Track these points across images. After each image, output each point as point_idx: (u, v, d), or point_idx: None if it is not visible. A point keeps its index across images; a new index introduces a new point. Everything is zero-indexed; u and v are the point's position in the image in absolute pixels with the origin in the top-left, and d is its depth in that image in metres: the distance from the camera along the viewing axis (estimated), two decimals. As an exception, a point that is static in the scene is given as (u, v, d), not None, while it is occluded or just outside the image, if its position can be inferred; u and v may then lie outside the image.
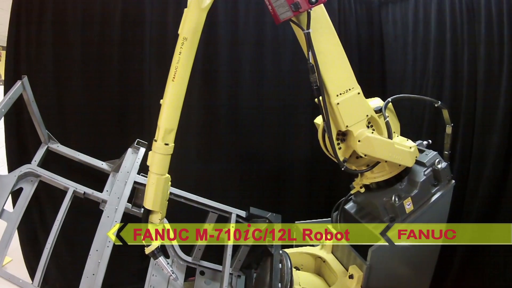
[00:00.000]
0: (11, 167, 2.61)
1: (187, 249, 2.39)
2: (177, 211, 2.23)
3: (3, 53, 5.82)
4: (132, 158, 2.25)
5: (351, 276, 1.90)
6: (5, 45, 6.22)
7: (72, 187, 2.20)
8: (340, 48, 1.63)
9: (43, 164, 2.31)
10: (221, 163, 3.07)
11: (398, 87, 3.02)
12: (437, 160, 1.99)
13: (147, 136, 2.74)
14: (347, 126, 1.65)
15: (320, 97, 1.59)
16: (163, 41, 2.81)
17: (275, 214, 2.20)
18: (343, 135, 1.77)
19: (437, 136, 2.51)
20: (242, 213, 2.26)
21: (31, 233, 2.77)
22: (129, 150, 2.32)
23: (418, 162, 1.97)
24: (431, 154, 2.02)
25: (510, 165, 2.43)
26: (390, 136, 1.77)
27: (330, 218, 2.37)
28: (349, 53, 3.05)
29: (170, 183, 1.77)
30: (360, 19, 3.23)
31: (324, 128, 1.71)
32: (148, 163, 1.68)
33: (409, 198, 1.90)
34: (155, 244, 1.77)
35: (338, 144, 1.75)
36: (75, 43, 2.68)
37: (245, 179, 3.15)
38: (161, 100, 1.61)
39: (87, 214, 2.36)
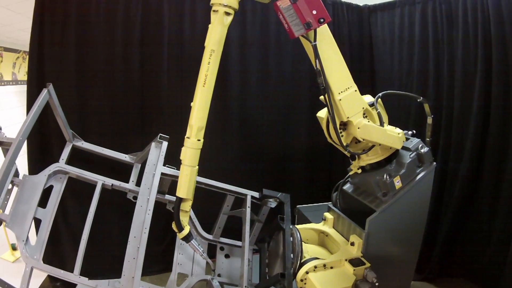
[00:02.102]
0: (32, 165, 2.75)
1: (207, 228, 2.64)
2: (197, 195, 2.47)
3: (5, 54, 6.03)
4: (156, 151, 2.39)
5: (352, 244, 2.24)
6: (6, 46, 6.38)
7: (101, 180, 2.38)
8: (339, 54, 1.97)
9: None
10: (230, 155, 3.36)
11: (386, 85, 3.36)
12: (420, 146, 2.37)
13: (165, 133, 3.04)
14: (348, 117, 2.00)
15: (326, 95, 1.92)
16: (180, 43, 3.02)
17: (284, 194, 2.45)
18: (344, 125, 2.12)
19: (422, 127, 2.89)
20: (256, 194, 2.51)
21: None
22: (153, 144, 2.43)
23: (404, 148, 2.34)
24: (415, 140, 2.40)
25: (484, 151, 2.84)
26: (381, 124, 2.13)
27: (328, 202, 2.72)
28: (342, 54, 3.45)
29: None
30: (352, 25, 3.60)
31: (328, 120, 2.08)
32: (181, 158, 1.86)
33: (398, 176, 2.26)
34: (187, 229, 2.00)
35: (341, 132, 2.10)
36: (97, 44, 2.80)
37: (252, 170, 3.45)
38: (192, 103, 1.84)
39: (105, 204, 2.51)
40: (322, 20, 1.72)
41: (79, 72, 2.82)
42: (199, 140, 1.86)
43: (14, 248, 3.57)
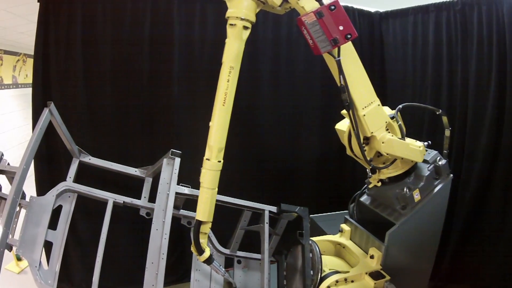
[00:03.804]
0: (40, 184, 2.72)
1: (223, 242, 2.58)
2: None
3: (4, 57, 5.90)
4: (168, 169, 2.28)
5: (372, 256, 2.25)
6: (6, 49, 6.24)
7: (111, 198, 2.28)
8: (362, 69, 1.93)
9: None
10: (237, 162, 3.26)
11: (398, 94, 3.40)
12: (438, 158, 2.39)
13: (175, 137, 2.98)
14: (372, 132, 1.99)
15: (350, 111, 1.88)
16: (191, 44, 2.97)
17: (303, 208, 2.36)
18: (367, 140, 2.11)
19: (436, 136, 2.92)
20: (273, 209, 2.44)
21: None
22: (164, 160, 2.31)
23: (422, 160, 2.36)
24: (433, 153, 2.41)
25: (496, 161, 2.86)
26: (403, 137, 2.13)
27: (340, 212, 2.73)
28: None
29: None
30: (363, 31, 3.58)
31: (350, 134, 2.07)
32: (201, 180, 1.78)
33: (417, 189, 2.28)
34: (208, 252, 1.92)
35: (364, 147, 2.08)
36: (104, 44, 2.75)
37: (260, 175, 3.42)
38: (210, 123, 1.78)
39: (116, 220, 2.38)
40: (349, 36, 1.68)
41: (86, 73, 2.77)
42: (219, 161, 1.78)
43: (19, 258, 3.49)
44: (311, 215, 3.18)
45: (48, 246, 2.09)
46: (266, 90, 3.32)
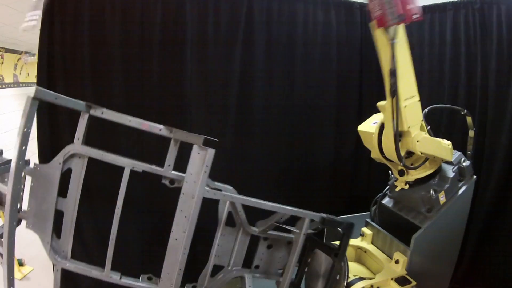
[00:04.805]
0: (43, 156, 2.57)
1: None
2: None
3: (5, 55, 5.78)
4: (198, 162, 1.77)
5: (397, 261, 2.20)
6: (7, 47, 6.11)
7: (129, 165, 1.81)
8: (410, 60, 1.89)
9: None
10: (254, 162, 3.24)
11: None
12: (462, 159, 2.34)
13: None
14: (408, 126, 1.93)
15: (394, 100, 1.83)
16: (204, 41, 2.88)
17: (348, 224, 1.99)
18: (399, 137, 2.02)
19: (453, 136, 2.87)
20: (315, 217, 2.02)
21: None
22: (194, 148, 1.77)
23: (446, 161, 2.30)
24: (457, 154, 2.35)
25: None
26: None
27: (357, 214, 2.67)
28: (370, 58, 3.23)
29: None
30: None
31: (380, 134, 2.03)
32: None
33: (443, 191, 2.22)
34: None
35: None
36: (112, 43, 2.66)
37: (274, 176, 3.35)
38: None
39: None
40: (415, 16, 1.66)
41: (93, 73, 2.68)
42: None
43: (20, 264, 3.39)
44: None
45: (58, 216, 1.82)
46: (281, 90, 3.25)
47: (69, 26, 2.57)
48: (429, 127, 2.09)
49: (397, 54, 1.75)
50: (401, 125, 1.92)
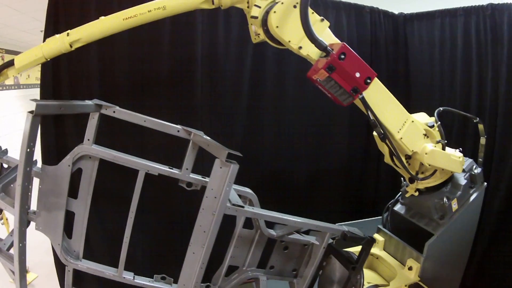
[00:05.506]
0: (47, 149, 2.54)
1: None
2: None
3: (6, 56, 5.76)
4: (220, 178, 1.66)
5: (410, 268, 2.24)
6: (8, 48, 6.05)
7: (143, 168, 1.75)
8: (387, 93, 1.85)
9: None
10: (264, 163, 3.26)
11: (424, 98, 3.35)
12: (473, 166, 2.37)
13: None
14: (412, 151, 1.97)
15: (387, 140, 1.83)
16: (214, 43, 2.87)
17: (370, 239, 1.98)
18: (409, 156, 2.07)
19: (465, 142, 2.90)
20: (335, 229, 2.05)
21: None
22: (216, 162, 1.67)
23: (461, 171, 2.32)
24: (468, 161, 2.39)
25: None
26: (443, 138, 2.07)
27: (367, 219, 2.69)
28: (378, 62, 3.23)
29: None
30: (388, 33, 3.53)
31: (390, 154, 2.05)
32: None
33: (455, 199, 2.26)
34: None
35: (408, 164, 2.06)
36: (121, 43, 2.63)
37: (285, 177, 3.37)
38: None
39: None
40: (369, 80, 1.59)
41: (102, 72, 2.65)
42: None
43: (24, 270, 3.38)
44: (341, 223, 3.14)
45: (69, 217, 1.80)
46: (292, 91, 3.26)
47: (75, 27, 2.54)
48: (439, 123, 2.08)
49: (371, 101, 1.70)
50: (405, 152, 1.97)
